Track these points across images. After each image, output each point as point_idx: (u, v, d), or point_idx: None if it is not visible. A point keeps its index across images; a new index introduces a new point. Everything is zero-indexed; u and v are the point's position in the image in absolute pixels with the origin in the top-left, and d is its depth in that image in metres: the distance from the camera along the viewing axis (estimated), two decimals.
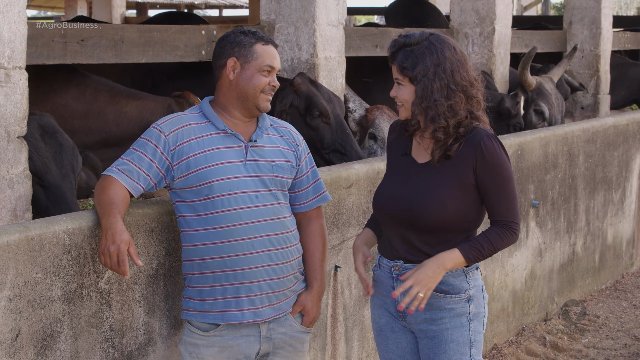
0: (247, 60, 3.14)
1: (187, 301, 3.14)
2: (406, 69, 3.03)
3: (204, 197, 3.04)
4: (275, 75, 3.19)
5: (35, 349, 2.83)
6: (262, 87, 3.14)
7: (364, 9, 18.39)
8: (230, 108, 3.17)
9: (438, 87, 2.99)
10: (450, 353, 3.09)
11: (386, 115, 5.58)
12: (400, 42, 3.07)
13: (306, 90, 4.95)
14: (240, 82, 3.15)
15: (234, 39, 3.17)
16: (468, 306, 3.11)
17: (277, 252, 3.10)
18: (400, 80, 3.07)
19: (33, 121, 3.82)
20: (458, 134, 3.03)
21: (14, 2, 3.30)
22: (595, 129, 6.69)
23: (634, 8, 27.96)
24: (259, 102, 3.15)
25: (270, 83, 3.15)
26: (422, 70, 3.00)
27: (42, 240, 2.84)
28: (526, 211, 5.79)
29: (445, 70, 3.00)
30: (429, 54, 3.01)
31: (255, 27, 3.26)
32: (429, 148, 3.10)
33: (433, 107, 2.99)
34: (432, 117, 3.00)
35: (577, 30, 8.47)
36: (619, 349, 5.71)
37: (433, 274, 2.99)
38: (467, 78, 3.04)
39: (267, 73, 3.15)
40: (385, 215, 3.16)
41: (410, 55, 3.03)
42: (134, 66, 5.74)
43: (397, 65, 3.06)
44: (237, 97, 3.16)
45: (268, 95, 3.16)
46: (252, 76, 3.14)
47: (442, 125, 3.00)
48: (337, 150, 4.94)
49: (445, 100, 2.99)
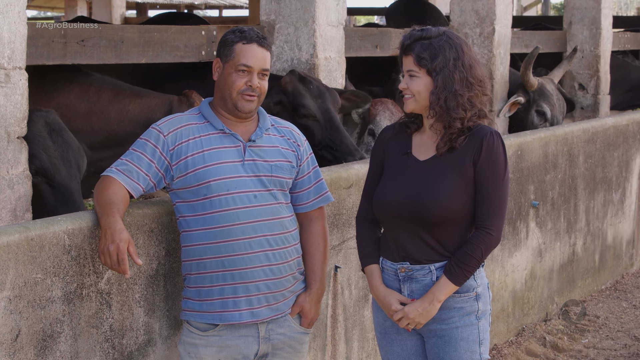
0: (226, 60, 3.13)
1: (186, 301, 3.14)
2: (424, 60, 3.05)
3: (202, 196, 3.04)
4: (259, 74, 3.11)
5: (35, 350, 2.83)
6: (237, 87, 3.10)
7: (364, 9, 18.37)
8: (219, 108, 3.17)
9: (458, 79, 3.05)
10: (461, 351, 3.11)
11: (388, 112, 5.53)
12: (416, 35, 3.10)
13: (292, 89, 4.92)
14: (220, 82, 3.16)
15: (223, 38, 3.17)
16: (476, 304, 3.13)
17: (275, 253, 3.09)
18: (415, 72, 3.08)
19: (40, 118, 3.81)
20: (466, 128, 3.07)
21: (14, 2, 3.30)
22: (595, 129, 6.69)
23: (634, 8, 27.95)
24: (236, 103, 3.11)
25: (247, 83, 3.10)
26: (442, 61, 3.04)
27: (42, 240, 2.84)
28: (526, 211, 5.79)
29: (464, 64, 3.06)
30: (449, 48, 3.06)
31: (255, 28, 3.24)
32: (433, 142, 3.12)
33: (453, 98, 3.04)
34: (452, 107, 3.03)
35: (577, 30, 8.46)
36: (619, 349, 5.71)
37: (423, 310, 3.06)
38: (482, 75, 3.11)
39: (244, 73, 3.10)
40: (390, 216, 3.16)
41: (428, 47, 3.06)
42: (132, 68, 5.73)
43: (414, 56, 3.07)
44: (220, 98, 3.16)
45: (247, 96, 3.11)
46: (228, 76, 3.12)
47: (461, 116, 3.04)
48: (328, 146, 4.92)
49: (467, 91, 3.05)
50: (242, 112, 3.12)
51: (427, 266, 3.10)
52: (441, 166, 3.08)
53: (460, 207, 3.06)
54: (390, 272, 3.18)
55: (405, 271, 3.13)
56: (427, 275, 3.10)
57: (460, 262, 3.05)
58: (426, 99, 3.08)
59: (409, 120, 3.20)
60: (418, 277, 3.12)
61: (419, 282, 3.11)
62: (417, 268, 3.11)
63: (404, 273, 3.13)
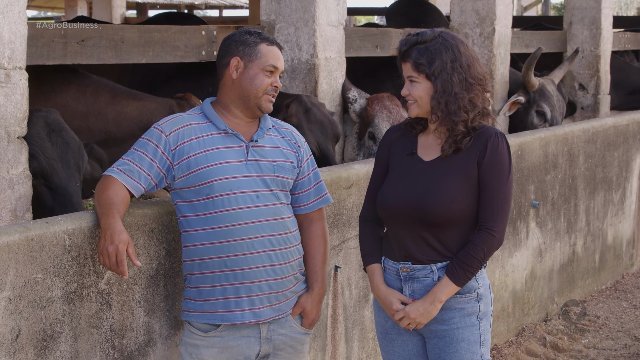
0: (250, 60, 3.13)
1: (186, 302, 3.13)
2: (422, 65, 3.05)
3: (205, 196, 3.04)
4: (278, 77, 3.18)
5: (36, 350, 2.83)
6: (264, 87, 3.13)
7: (364, 9, 18.37)
8: (232, 108, 3.17)
9: (457, 81, 3.03)
10: (462, 352, 3.10)
11: (386, 111, 5.48)
12: (412, 40, 3.09)
13: (296, 123, 4.88)
14: (242, 81, 3.15)
15: (239, 38, 3.17)
16: (478, 305, 3.13)
17: (277, 253, 3.09)
18: (415, 78, 3.08)
19: (40, 119, 3.80)
20: (470, 129, 3.07)
21: (14, 2, 3.30)
22: (596, 130, 6.69)
23: (634, 8, 27.96)
24: (260, 103, 3.14)
25: (272, 84, 3.14)
26: (439, 65, 3.03)
27: (42, 240, 2.84)
28: (526, 211, 5.79)
29: (462, 65, 3.05)
30: (445, 50, 3.04)
31: (258, 28, 3.25)
32: (438, 144, 3.12)
33: (454, 101, 3.03)
34: (454, 111, 3.03)
35: (577, 30, 8.46)
36: (619, 349, 5.71)
37: (424, 310, 3.06)
38: (481, 72, 3.10)
39: (270, 73, 3.14)
40: (393, 215, 3.16)
41: (424, 52, 3.05)
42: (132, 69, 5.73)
43: (411, 62, 3.07)
44: (239, 97, 3.16)
45: (270, 96, 3.15)
46: (255, 76, 3.13)
47: (464, 119, 3.04)
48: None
49: (466, 93, 3.04)
50: (264, 112, 3.17)
51: (429, 266, 3.10)
52: (445, 167, 3.08)
53: (463, 208, 3.05)
54: (392, 272, 3.18)
55: (406, 271, 3.13)
56: (429, 276, 3.10)
57: (462, 263, 3.04)
58: (428, 104, 3.07)
59: (414, 121, 3.20)
60: (420, 277, 3.11)
61: (421, 282, 3.11)
62: (418, 268, 3.11)
63: (405, 273, 3.13)
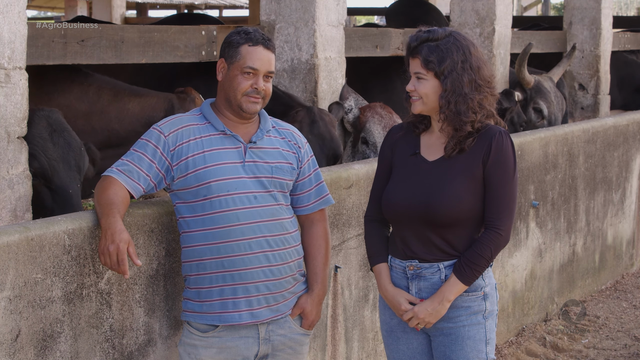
0: (231, 62, 3.11)
1: (186, 302, 3.14)
2: (432, 63, 3.04)
3: (202, 197, 3.04)
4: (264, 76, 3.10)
5: (35, 350, 2.83)
6: (242, 89, 3.09)
7: (364, 9, 18.38)
8: (222, 109, 3.17)
9: (467, 82, 3.03)
10: (467, 350, 3.11)
11: (377, 116, 5.54)
12: (423, 37, 3.08)
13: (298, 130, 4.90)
14: (225, 83, 3.14)
15: (228, 39, 3.15)
16: (484, 304, 3.13)
17: (274, 254, 3.09)
18: (423, 75, 3.07)
19: (42, 118, 3.80)
20: (474, 130, 3.07)
21: (14, 2, 3.30)
22: (596, 130, 6.69)
23: (634, 8, 27.96)
24: (241, 104, 3.10)
25: (252, 85, 3.09)
26: (450, 64, 3.02)
27: (42, 240, 2.84)
28: (526, 211, 5.79)
29: (472, 66, 3.05)
30: (456, 50, 3.04)
31: (259, 29, 3.24)
32: (442, 143, 3.12)
33: (463, 101, 3.03)
34: (463, 111, 3.02)
35: (577, 30, 8.47)
36: (619, 349, 5.71)
37: (433, 310, 3.07)
38: (489, 75, 3.10)
39: (250, 75, 3.09)
40: (399, 215, 3.15)
41: (435, 49, 3.04)
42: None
43: (421, 58, 3.06)
44: (225, 99, 3.15)
45: (252, 98, 3.10)
46: (234, 78, 3.10)
47: (471, 120, 3.04)
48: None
49: (477, 94, 3.04)
50: (247, 113, 3.12)
51: (436, 264, 3.10)
52: (450, 167, 3.08)
53: (469, 208, 3.05)
54: (398, 270, 3.18)
55: (413, 269, 3.13)
56: (436, 274, 3.10)
57: (469, 262, 3.04)
58: (434, 102, 3.07)
59: (417, 121, 3.20)
60: (426, 275, 3.11)
61: (427, 280, 3.11)
62: (425, 266, 3.11)
63: (412, 271, 3.13)
